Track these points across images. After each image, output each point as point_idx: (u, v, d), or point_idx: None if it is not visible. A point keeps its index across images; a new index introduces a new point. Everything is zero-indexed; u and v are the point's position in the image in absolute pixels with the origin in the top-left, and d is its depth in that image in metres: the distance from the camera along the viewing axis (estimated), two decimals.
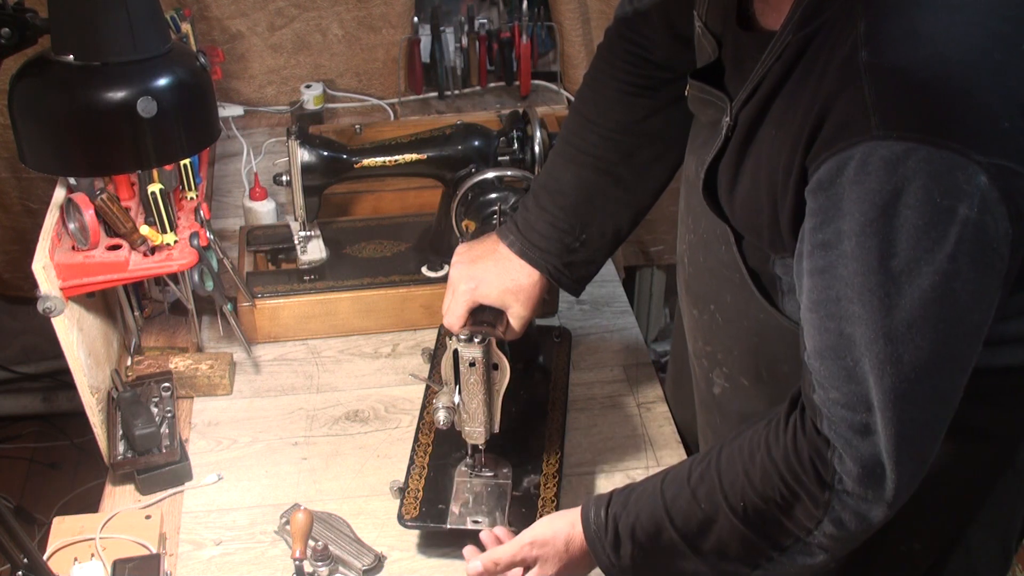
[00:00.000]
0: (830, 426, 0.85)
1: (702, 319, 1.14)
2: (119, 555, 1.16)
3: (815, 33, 0.83)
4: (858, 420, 0.83)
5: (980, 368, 0.95)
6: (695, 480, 0.97)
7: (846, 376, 0.82)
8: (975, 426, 1.01)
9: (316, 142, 1.52)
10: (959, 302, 0.78)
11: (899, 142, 0.74)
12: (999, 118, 0.74)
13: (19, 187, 2.24)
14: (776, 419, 0.92)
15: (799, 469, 0.88)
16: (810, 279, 0.84)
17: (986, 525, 1.09)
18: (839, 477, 0.86)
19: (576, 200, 1.23)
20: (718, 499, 0.94)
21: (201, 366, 1.45)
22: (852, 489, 0.86)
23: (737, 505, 0.92)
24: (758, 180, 0.92)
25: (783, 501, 0.89)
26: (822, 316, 0.83)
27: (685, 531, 0.96)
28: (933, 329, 0.79)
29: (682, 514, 0.96)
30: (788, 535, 0.91)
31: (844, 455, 0.85)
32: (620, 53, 1.22)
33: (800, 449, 0.88)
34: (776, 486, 0.89)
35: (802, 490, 0.88)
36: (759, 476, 0.91)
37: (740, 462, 0.93)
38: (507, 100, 2.26)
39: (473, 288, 1.21)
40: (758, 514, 0.91)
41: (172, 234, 1.34)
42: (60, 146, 1.03)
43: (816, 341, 0.85)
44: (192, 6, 2.07)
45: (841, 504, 0.87)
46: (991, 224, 0.75)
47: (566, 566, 1.06)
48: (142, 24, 0.99)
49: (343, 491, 1.30)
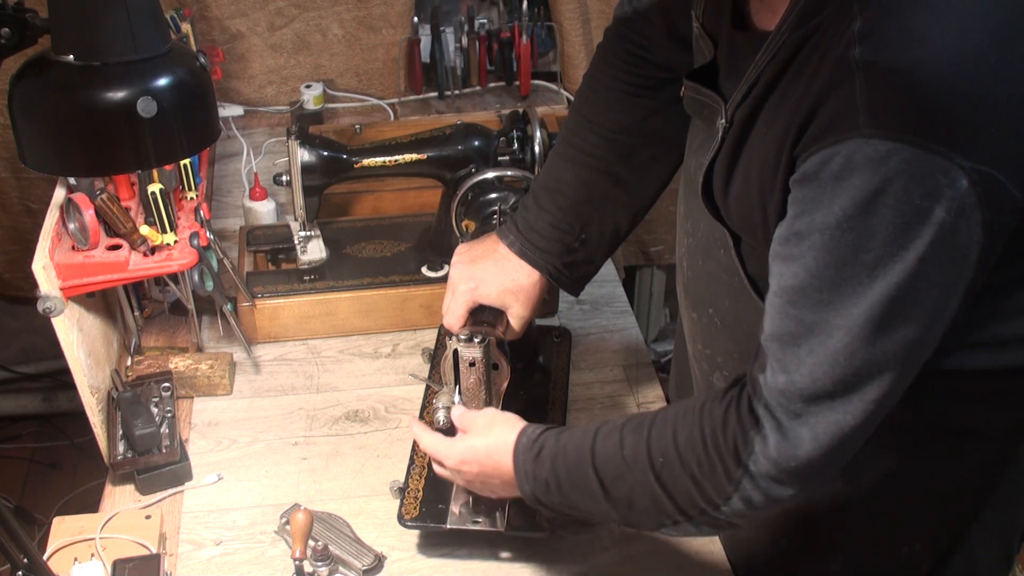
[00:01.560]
0: (765, 408, 0.86)
1: (701, 322, 1.14)
2: (119, 555, 1.16)
3: (811, 33, 0.83)
4: (793, 408, 0.84)
5: (980, 370, 0.96)
6: (628, 428, 0.98)
7: (796, 363, 0.83)
8: (976, 427, 1.01)
9: (316, 142, 1.52)
10: (921, 304, 0.79)
11: (885, 141, 0.75)
12: (987, 124, 0.75)
13: (19, 187, 2.24)
14: (717, 390, 0.93)
15: (721, 441, 0.89)
16: (781, 264, 0.85)
17: (988, 526, 1.09)
18: (756, 458, 0.87)
19: (576, 200, 1.23)
20: (641, 451, 0.95)
21: (201, 366, 1.45)
22: (767, 471, 0.87)
23: (656, 460, 0.93)
24: (750, 179, 0.92)
25: (697, 468, 0.90)
26: (785, 302, 0.84)
27: (603, 473, 0.97)
28: (891, 327, 0.80)
29: (604, 456, 0.98)
30: (695, 505, 0.92)
31: (768, 438, 0.86)
32: (620, 53, 1.22)
33: (728, 423, 0.89)
34: (696, 452, 0.90)
35: (719, 462, 0.89)
36: (684, 438, 0.92)
37: (672, 422, 0.94)
38: (507, 100, 2.26)
39: (473, 288, 1.21)
40: (672, 476, 0.92)
41: (172, 234, 1.34)
42: (60, 146, 1.03)
43: (775, 325, 0.86)
44: (192, 6, 2.07)
45: (752, 484, 0.88)
46: (964, 230, 0.76)
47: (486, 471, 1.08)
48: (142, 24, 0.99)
49: (343, 491, 1.31)
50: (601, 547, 1.23)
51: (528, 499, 1.05)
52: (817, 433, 0.84)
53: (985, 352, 0.95)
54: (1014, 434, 1.03)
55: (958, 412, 1.00)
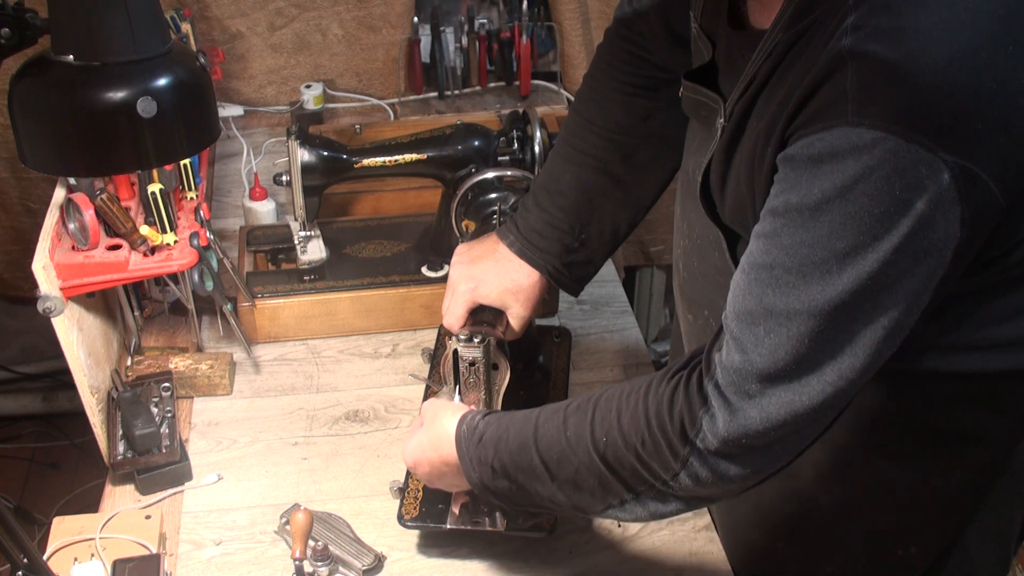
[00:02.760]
0: (715, 387, 0.86)
1: (696, 324, 1.15)
2: (119, 555, 1.16)
3: (805, 30, 0.83)
4: (747, 388, 0.84)
5: (975, 373, 0.96)
6: (570, 410, 0.98)
7: (754, 343, 0.83)
8: (970, 430, 1.01)
9: (316, 142, 1.52)
10: (892, 294, 0.79)
11: (870, 130, 0.75)
12: (974, 119, 0.74)
13: (19, 187, 2.24)
14: (664, 371, 0.93)
15: (667, 419, 0.89)
16: (754, 241, 0.84)
17: (984, 528, 1.09)
18: (703, 435, 0.86)
19: (576, 200, 1.23)
20: (585, 431, 0.95)
21: (201, 366, 1.45)
22: (715, 448, 0.86)
23: (600, 440, 0.93)
24: (740, 172, 0.92)
25: (643, 447, 0.90)
26: (751, 280, 0.84)
27: (547, 455, 0.97)
28: (857, 317, 0.79)
29: (548, 438, 0.98)
30: (642, 481, 0.92)
31: (717, 415, 0.85)
32: (619, 54, 1.22)
33: (675, 402, 0.89)
34: (640, 431, 0.90)
35: (664, 440, 0.89)
36: (628, 418, 0.92)
37: (616, 402, 0.94)
38: (507, 100, 2.26)
39: (473, 288, 1.21)
40: (616, 455, 0.92)
41: (172, 234, 1.34)
42: (60, 146, 1.03)
43: (739, 302, 0.85)
44: (192, 6, 2.07)
45: (700, 460, 0.87)
46: (942, 224, 0.76)
47: (435, 464, 1.08)
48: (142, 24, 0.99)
49: (343, 491, 1.31)
50: (601, 547, 1.23)
51: (476, 487, 1.05)
52: (768, 412, 0.83)
53: (979, 355, 0.95)
54: (1009, 437, 1.03)
55: (953, 415, 1.00)
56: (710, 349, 0.89)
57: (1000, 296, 0.91)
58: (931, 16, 0.75)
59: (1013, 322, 0.93)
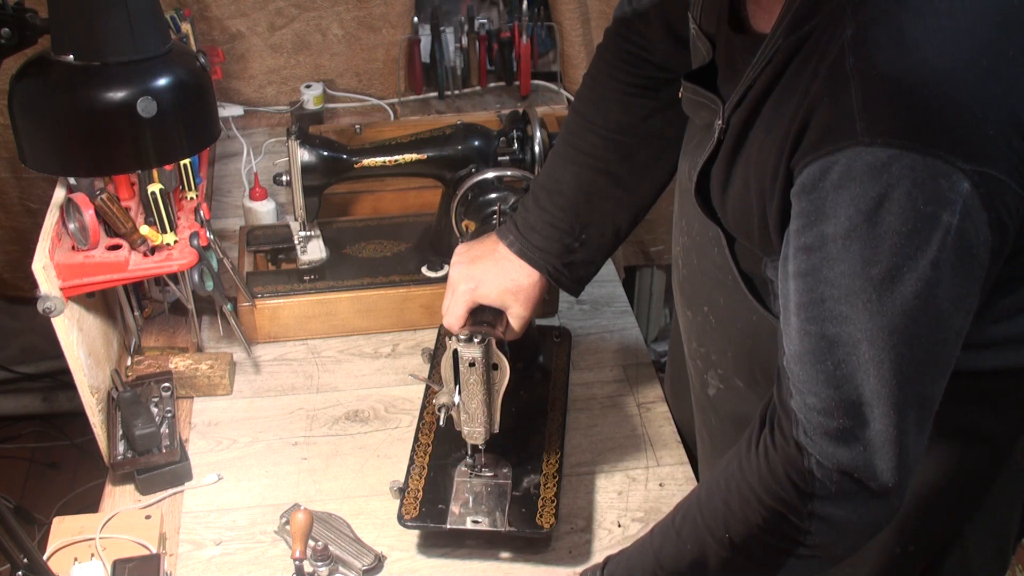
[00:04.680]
0: (805, 433, 0.85)
1: (696, 321, 1.15)
2: (119, 555, 1.16)
3: (805, 37, 0.83)
4: (835, 425, 0.83)
5: (973, 371, 0.96)
6: (679, 521, 0.96)
7: (825, 380, 0.82)
8: (969, 428, 1.01)
9: (316, 142, 1.52)
10: (941, 308, 0.79)
11: (884, 148, 0.75)
12: (984, 125, 0.75)
13: (19, 187, 2.24)
14: (745, 444, 0.92)
15: (776, 487, 0.87)
16: (794, 281, 0.84)
17: (982, 526, 1.09)
18: (820, 483, 0.85)
19: (575, 200, 1.23)
20: (703, 535, 0.93)
21: (201, 366, 1.45)
22: (836, 491, 0.85)
23: (723, 537, 0.92)
24: (748, 183, 0.92)
25: (765, 522, 0.88)
26: (804, 319, 0.83)
27: (677, 574, 0.96)
28: (915, 335, 0.79)
29: (671, 558, 0.96)
30: (779, 552, 0.90)
31: (822, 461, 0.84)
32: (619, 53, 1.22)
33: (774, 466, 0.88)
34: (756, 509, 0.89)
35: (783, 506, 0.87)
36: (737, 503, 0.90)
37: (719, 494, 0.93)
38: (507, 100, 2.26)
39: (473, 288, 1.21)
40: (744, 540, 0.91)
41: (172, 234, 1.34)
42: (60, 146, 1.03)
43: (797, 345, 0.84)
44: (192, 6, 2.07)
45: (830, 507, 0.86)
46: (972, 231, 0.76)
47: None
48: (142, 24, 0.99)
49: (343, 491, 1.31)
50: (601, 547, 1.23)
51: None
52: (867, 440, 0.82)
53: (979, 353, 0.94)
54: (1008, 435, 1.03)
55: (952, 413, 1.00)
56: (781, 400, 0.88)
57: (1002, 295, 0.91)
58: (930, 26, 0.75)
59: (1013, 321, 0.93)
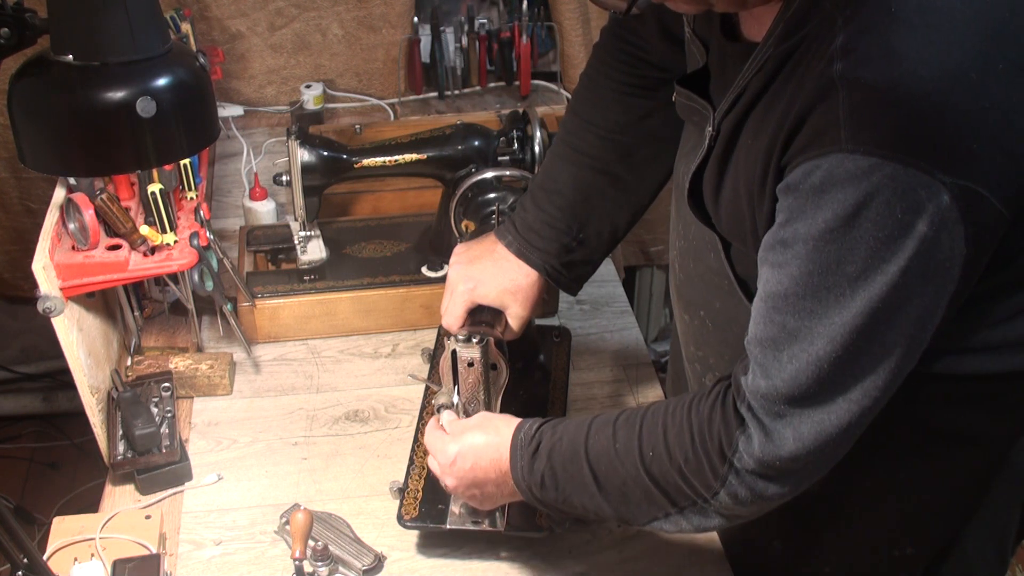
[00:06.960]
0: (748, 409, 0.88)
1: (693, 324, 1.15)
2: (119, 555, 1.16)
3: (796, 46, 0.84)
4: (775, 410, 0.86)
5: (972, 374, 0.96)
6: (620, 422, 0.99)
7: (778, 368, 0.85)
8: (968, 431, 1.02)
9: (316, 142, 1.52)
10: (904, 315, 0.80)
11: (866, 157, 0.75)
12: (969, 139, 0.75)
13: (19, 187, 2.24)
14: (705, 388, 0.95)
15: (707, 437, 0.91)
16: (767, 270, 0.86)
17: (981, 528, 1.09)
18: (740, 455, 0.88)
19: (573, 200, 1.23)
20: (633, 444, 0.96)
21: (201, 366, 1.45)
22: (752, 468, 0.88)
23: (646, 454, 0.95)
24: (738, 189, 0.93)
25: (685, 464, 0.92)
26: (769, 307, 0.86)
27: (596, 467, 0.98)
28: (873, 337, 0.81)
29: (598, 449, 0.99)
30: (685, 497, 0.93)
31: (753, 437, 0.87)
32: (616, 53, 1.22)
33: (713, 420, 0.91)
34: (683, 447, 0.92)
35: (704, 458, 0.91)
36: (673, 433, 0.93)
37: (662, 417, 0.96)
38: (507, 100, 2.26)
39: (471, 288, 1.21)
40: (661, 469, 0.94)
41: (172, 234, 1.34)
42: (60, 146, 1.03)
43: (759, 329, 0.87)
44: (192, 6, 2.07)
45: (738, 480, 0.89)
46: (947, 243, 0.77)
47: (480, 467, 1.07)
48: (142, 24, 0.99)
49: (343, 491, 1.31)
50: (601, 547, 1.23)
51: (524, 494, 1.05)
52: (801, 433, 0.85)
53: (976, 357, 0.95)
54: (1006, 437, 1.04)
55: (950, 416, 1.01)
56: (735, 375, 0.90)
57: (999, 299, 0.92)
58: (918, 38, 0.76)
59: (1010, 324, 0.93)
